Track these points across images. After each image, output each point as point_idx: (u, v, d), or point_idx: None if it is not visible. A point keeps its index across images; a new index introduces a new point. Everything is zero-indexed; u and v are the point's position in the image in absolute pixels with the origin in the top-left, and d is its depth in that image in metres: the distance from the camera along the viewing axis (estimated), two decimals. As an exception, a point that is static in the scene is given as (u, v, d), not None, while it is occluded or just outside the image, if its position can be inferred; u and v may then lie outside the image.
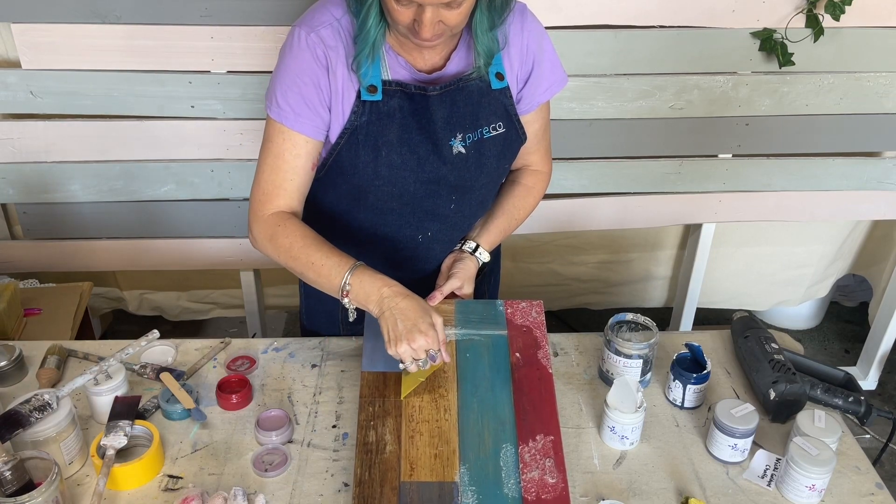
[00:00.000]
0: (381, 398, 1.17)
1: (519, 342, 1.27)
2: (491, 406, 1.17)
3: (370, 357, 1.25)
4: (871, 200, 2.34)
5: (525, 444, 1.12)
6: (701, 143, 2.21)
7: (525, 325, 1.31)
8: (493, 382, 1.20)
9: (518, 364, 1.24)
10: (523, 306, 1.34)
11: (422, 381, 1.21)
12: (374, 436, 1.12)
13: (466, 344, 1.26)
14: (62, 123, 2.05)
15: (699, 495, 1.18)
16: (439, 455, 1.10)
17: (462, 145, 1.31)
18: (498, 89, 1.33)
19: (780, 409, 1.30)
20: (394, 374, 1.21)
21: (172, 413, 1.29)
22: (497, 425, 1.14)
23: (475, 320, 1.31)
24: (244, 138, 2.09)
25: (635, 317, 1.39)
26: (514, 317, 1.32)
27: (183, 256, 2.28)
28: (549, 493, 1.07)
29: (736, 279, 2.60)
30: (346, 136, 1.28)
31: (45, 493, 1.03)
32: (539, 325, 1.31)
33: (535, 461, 1.10)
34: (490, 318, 1.31)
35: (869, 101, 2.14)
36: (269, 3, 1.90)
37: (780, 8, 1.98)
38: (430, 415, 1.15)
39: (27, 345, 1.46)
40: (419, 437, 1.12)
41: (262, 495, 1.14)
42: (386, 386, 1.19)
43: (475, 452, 1.10)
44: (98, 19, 1.90)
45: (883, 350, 2.56)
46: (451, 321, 1.29)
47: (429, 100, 1.27)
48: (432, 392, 1.18)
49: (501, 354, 1.24)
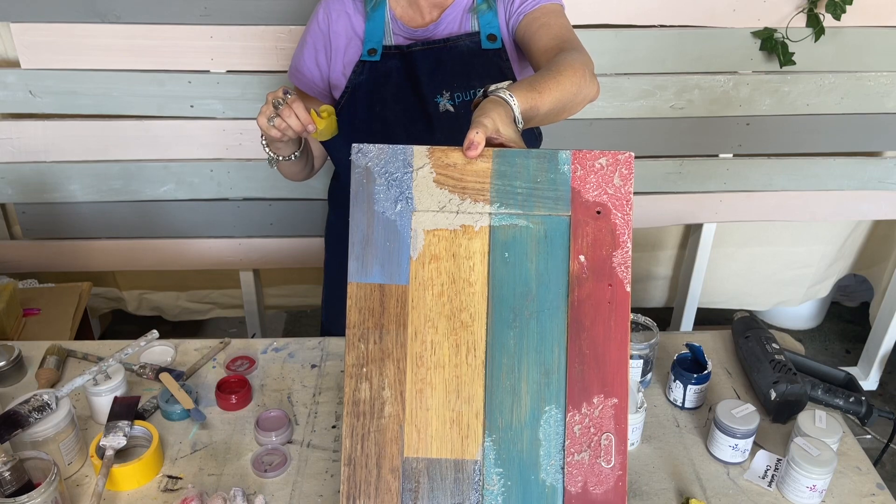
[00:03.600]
0: (376, 330, 0.83)
1: (588, 234, 0.84)
2: (534, 345, 0.82)
3: (360, 256, 0.85)
4: (871, 200, 2.34)
5: (577, 409, 0.81)
6: (701, 143, 2.20)
7: (600, 203, 0.85)
8: (542, 305, 0.83)
9: (582, 274, 0.83)
10: (602, 163, 0.87)
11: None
12: (367, 390, 0.82)
13: (504, 235, 0.83)
14: (61, 123, 2.05)
15: (700, 496, 1.18)
16: (457, 420, 0.81)
17: (451, 104, 1.34)
18: (490, 49, 1.34)
19: (781, 409, 1.30)
20: (395, 288, 0.83)
21: (172, 413, 1.29)
22: (540, 376, 0.82)
23: (522, 189, 0.84)
24: (244, 138, 2.09)
25: (636, 317, 1.38)
26: (585, 183, 0.85)
27: (182, 256, 2.28)
28: (600, 485, 0.81)
29: (737, 279, 2.60)
30: (348, 94, 1.37)
31: (44, 493, 1.03)
32: (623, 202, 0.85)
33: (588, 436, 0.81)
34: (546, 185, 0.85)
35: (870, 101, 2.14)
36: (269, 3, 1.90)
37: (780, 7, 1.98)
38: (446, 356, 0.82)
39: (26, 345, 1.46)
40: (430, 391, 0.82)
41: (262, 496, 1.14)
42: (384, 309, 0.82)
43: (507, 418, 0.81)
44: (98, 19, 1.90)
45: (884, 350, 2.55)
46: (485, 190, 0.84)
47: (414, 56, 1.33)
48: (452, 318, 0.83)
49: (558, 256, 0.83)
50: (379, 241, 0.84)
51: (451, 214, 0.84)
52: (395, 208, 0.84)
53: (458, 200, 0.84)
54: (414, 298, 0.83)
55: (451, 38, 1.34)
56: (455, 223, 0.84)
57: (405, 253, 0.83)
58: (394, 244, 0.84)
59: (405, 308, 0.83)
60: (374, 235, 0.84)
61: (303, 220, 2.24)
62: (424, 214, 0.84)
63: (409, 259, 0.83)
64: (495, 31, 1.34)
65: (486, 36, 1.34)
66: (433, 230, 0.84)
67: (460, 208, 0.84)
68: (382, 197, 0.84)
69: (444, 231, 0.83)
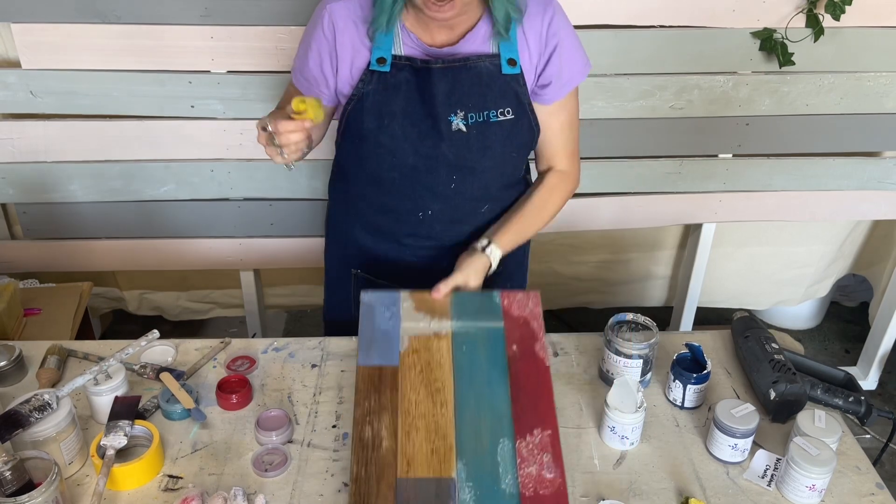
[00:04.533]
0: (376, 393, 1.16)
1: (516, 334, 1.25)
2: (488, 400, 1.15)
3: (366, 350, 1.23)
4: (871, 200, 2.34)
5: (522, 438, 1.11)
6: (701, 143, 2.21)
7: (522, 317, 1.29)
8: (490, 376, 1.18)
9: (515, 357, 1.22)
10: (520, 297, 1.32)
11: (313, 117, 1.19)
12: (370, 432, 1.11)
13: (463, 336, 1.24)
14: (62, 123, 2.05)
15: (699, 495, 1.18)
16: (436, 451, 1.09)
17: (463, 123, 1.33)
18: (509, 74, 1.33)
19: (781, 409, 1.30)
20: (390, 367, 1.20)
21: (172, 413, 1.29)
22: (494, 420, 1.13)
23: (471, 312, 1.28)
24: (244, 138, 2.09)
25: (635, 317, 1.39)
26: (510, 308, 1.30)
27: (183, 256, 2.28)
28: (546, 489, 1.07)
29: (736, 279, 2.60)
30: (354, 102, 1.35)
31: (44, 493, 1.03)
32: (536, 317, 1.29)
33: (533, 456, 1.09)
34: (486, 309, 1.29)
35: (869, 101, 2.14)
36: (269, 3, 1.90)
37: (780, 8, 1.98)
38: (426, 409, 1.14)
39: (27, 345, 1.46)
40: (416, 432, 1.11)
41: (262, 495, 1.14)
42: (382, 381, 1.17)
43: (472, 448, 1.10)
44: (98, 19, 1.90)
45: (883, 350, 2.56)
46: (447, 313, 1.28)
47: (431, 73, 1.31)
48: (429, 386, 1.17)
49: (498, 347, 1.23)
50: (378, 341, 1.22)
51: (426, 326, 1.25)
52: (389, 323, 1.25)
53: (430, 318, 1.26)
54: (402, 374, 1.18)
55: (471, 58, 1.32)
56: (429, 331, 1.24)
57: (396, 348, 1.21)
58: (389, 343, 1.22)
59: (396, 380, 1.17)
60: (375, 338, 1.23)
61: (303, 220, 2.24)
62: (408, 326, 1.24)
63: (398, 352, 1.21)
64: (515, 56, 1.34)
65: (506, 60, 1.33)
66: (414, 335, 1.23)
67: (431, 324, 1.25)
68: (381, 318, 1.25)
69: (421, 336, 1.23)
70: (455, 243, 1.47)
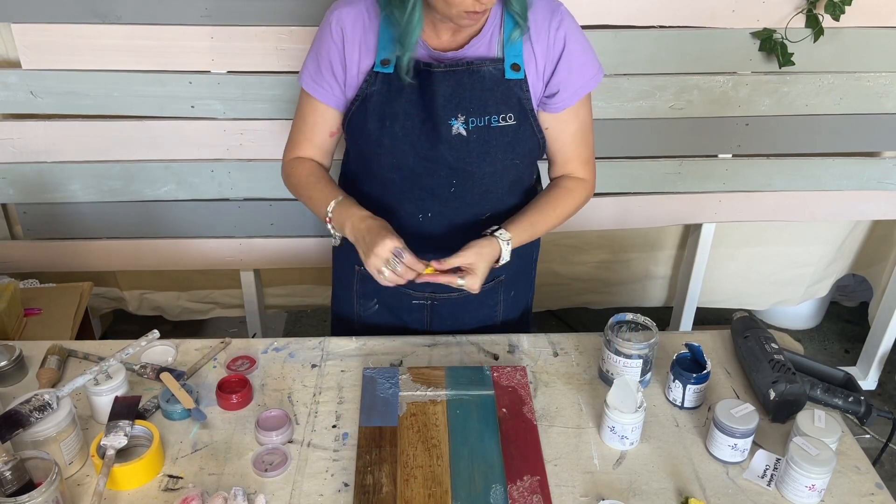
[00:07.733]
0: (377, 448, 1.23)
1: (505, 400, 1.34)
2: (480, 452, 1.23)
3: (367, 413, 1.30)
4: (870, 200, 2.34)
5: (513, 483, 1.18)
6: (701, 143, 2.21)
7: (510, 386, 1.37)
8: (483, 433, 1.26)
9: (505, 417, 1.30)
10: (508, 370, 1.40)
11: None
12: (371, 479, 1.18)
13: (457, 402, 1.33)
14: (62, 123, 2.05)
15: (699, 495, 1.18)
16: (433, 495, 1.15)
17: (463, 127, 1.33)
18: (512, 79, 1.33)
19: (780, 409, 1.30)
20: (389, 427, 1.27)
21: (172, 413, 1.29)
22: (486, 468, 1.20)
23: (464, 383, 1.37)
24: (244, 138, 2.09)
25: (635, 317, 1.39)
26: (500, 380, 1.38)
27: (183, 256, 2.28)
28: None
29: (736, 279, 2.60)
30: (358, 103, 1.36)
31: (45, 493, 1.03)
32: (524, 386, 1.37)
33: (524, 498, 1.15)
34: (477, 381, 1.37)
35: (869, 101, 2.15)
36: (269, 3, 1.90)
37: (779, 8, 1.98)
38: (423, 461, 1.21)
39: (27, 345, 1.46)
40: (413, 480, 1.18)
41: (262, 495, 1.15)
42: (382, 438, 1.25)
43: (466, 492, 1.16)
44: (98, 19, 1.90)
45: (883, 350, 2.56)
46: (442, 384, 1.36)
47: (432, 76, 1.31)
48: (425, 443, 1.24)
49: (489, 410, 1.31)
50: (379, 407, 1.32)
51: (422, 394, 1.35)
52: (389, 392, 1.34)
53: (426, 388, 1.36)
54: (401, 433, 1.27)
55: (474, 62, 1.32)
56: (425, 398, 1.34)
57: (395, 412, 1.31)
58: (388, 408, 1.32)
59: (395, 437, 1.26)
60: (377, 405, 1.32)
61: (303, 220, 2.24)
62: (406, 395, 1.34)
63: (397, 415, 1.30)
64: (519, 62, 1.33)
65: (510, 65, 1.32)
66: (412, 402, 1.33)
67: (427, 393, 1.35)
68: (381, 388, 1.36)
69: (418, 402, 1.33)
70: (456, 249, 1.47)
